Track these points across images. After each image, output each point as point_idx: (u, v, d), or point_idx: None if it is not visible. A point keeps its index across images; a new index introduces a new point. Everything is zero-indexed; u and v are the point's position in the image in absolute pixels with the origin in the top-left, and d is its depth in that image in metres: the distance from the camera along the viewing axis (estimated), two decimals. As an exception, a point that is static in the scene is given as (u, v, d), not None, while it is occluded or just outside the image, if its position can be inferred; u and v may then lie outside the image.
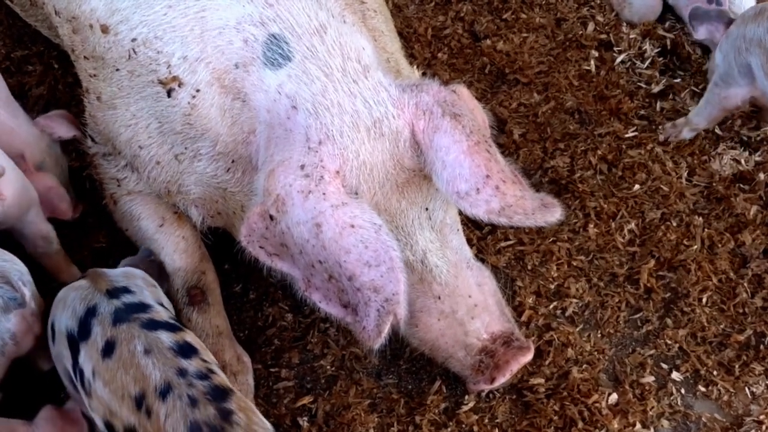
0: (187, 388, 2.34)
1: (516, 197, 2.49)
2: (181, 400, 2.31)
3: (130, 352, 2.42)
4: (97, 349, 2.45)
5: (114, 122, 2.93)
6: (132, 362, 2.41)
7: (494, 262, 3.34)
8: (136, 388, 2.37)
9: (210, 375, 2.42)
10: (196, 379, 2.37)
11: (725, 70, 3.44)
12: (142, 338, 2.44)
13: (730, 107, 3.54)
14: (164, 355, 2.41)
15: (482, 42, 4.10)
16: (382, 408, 3.04)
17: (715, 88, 3.52)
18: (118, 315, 2.50)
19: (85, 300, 2.56)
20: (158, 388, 2.34)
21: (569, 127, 3.76)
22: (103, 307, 2.53)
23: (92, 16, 2.87)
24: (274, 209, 2.49)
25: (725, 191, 3.55)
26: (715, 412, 3.05)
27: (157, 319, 2.54)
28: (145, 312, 2.55)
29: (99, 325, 2.49)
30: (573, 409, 2.99)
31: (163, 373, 2.37)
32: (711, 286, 3.30)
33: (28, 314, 2.70)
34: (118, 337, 2.45)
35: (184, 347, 2.47)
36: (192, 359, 2.44)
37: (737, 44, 3.36)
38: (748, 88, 3.43)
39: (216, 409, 2.30)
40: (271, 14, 2.64)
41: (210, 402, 2.32)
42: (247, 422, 2.32)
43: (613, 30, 4.16)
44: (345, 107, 2.55)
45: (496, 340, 2.82)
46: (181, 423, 2.28)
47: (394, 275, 2.39)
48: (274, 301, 3.27)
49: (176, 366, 2.39)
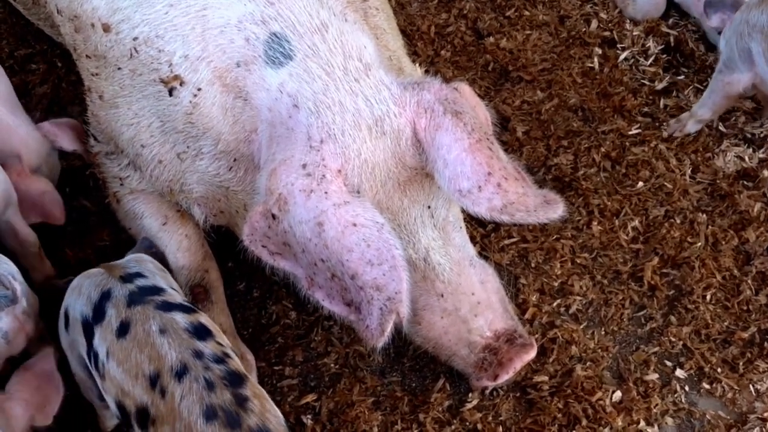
0: (203, 371, 2.33)
1: (518, 194, 2.49)
2: (198, 383, 2.31)
3: (145, 331, 2.42)
4: (111, 330, 2.45)
5: (116, 121, 2.93)
6: (147, 341, 2.41)
7: (498, 260, 3.33)
8: (150, 367, 2.37)
9: (226, 359, 2.41)
10: (212, 362, 2.37)
11: (728, 56, 3.46)
12: (157, 318, 2.44)
13: (734, 94, 3.54)
14: (180, 336, 2.41)
15: (485, 39, 4.10)
16: (386, 406, 3.04)
17: (719, 75, 3.54)
18: (133, 297, 2.51)
19: (100, 286, 2.56)
20: (174, 369, 2.34)
21: (573, 125, 3.76)
22: (117, 291, 2.53)
23: (94, 14, 2.87)
24: (276, 208, 2.49)
25: (729, 188, 3.54)
26: (720, 410, 3.05)
27: (171, 301, 2.55)
28: (159, 294, 2.55)
29: (113, 308, 2.49)
30: (577, 406, 2.98)
31: (180, 354, 2.37)
32: (715, 283, 3.29)
33: (20, 312, 2.68)
34: (132, 318, 2.45)
35: (199, 329, 2.47)
36: (207, 341, 2.44)
37: (740, 29, 3.38)
38: (750, 74, 3.43)
39: (232, 395, 2.30)
40: (272, 13, 2.64)
41: (227, 387, 2.31)
42: (261, 409, 2.32)
43: (617, 27, 4.15)
44: (346, 106, 2.55)
45: (499, 338, 2.82)
46: (197, 405, 2.28)
47: (396, 273, 2.39)
48: (278, 299, 3.27)
49: (192, 347, 2.39)
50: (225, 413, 2.26)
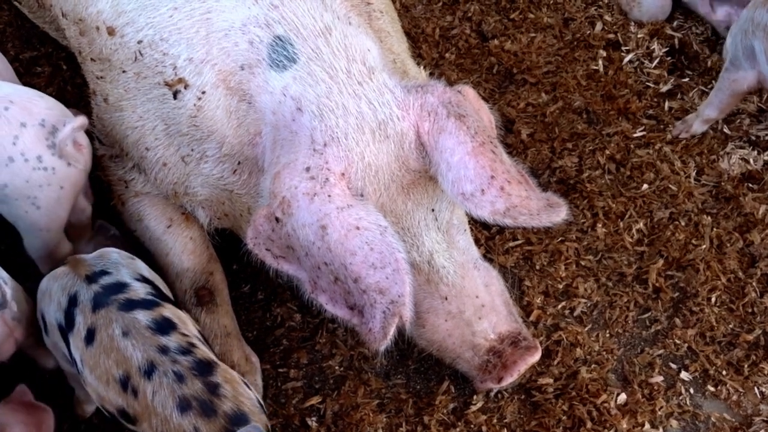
0: (171, 364, 2.39)
1: (521, 198, 2.49)
2: (167, 377, 2.37)
3: (109, 336, 2.46)
4: (81, 338, 2.50)
5: (121, 124, 2.94)
6: (112, 346, 2.45)
7: (502, 262, 3.34)
8: (119, 371, 2.42)
9: (192, 349, 2.47)
10: (179, 354, 2.42)
11: (734, 53, 3.47)
12: (120, 321, 2.48)
13: (739, 91, 3.53)
14: (142, 335, 2.46)
15: (490, 42, 4.09)
16: (391, 408, 3.04)
17: (725, 73, 3.54)
18: (97, 300, 2.54)
19: (66, 289, 2.58)
20: (142, 368, 2.40)
21: (577, 127, 3.76)
22: (83, 295, 2.56)
23: (99, 18, 2.88)
24: (280, 211, 2.49)
25: (734, 190, 3.54)
26: (724, 412, 3.05)
27: (133, 299, 2.57)
28: (123, 292, 2.58)
29: (81, 314, 2.52)
30: (582, 409, 2.98)
31: (144, 353, 2.42)
32: (720, 285, 3.29)
33: (9, 318, 2.65)
34: (97, 324, 2.49)
35: (161, 324, 2.51)
36: (171, 335, 2.49)
37: (745, 27, 3.39)
38: (754, 72, 3.44)
39: (203, 384, 2.37)
40: (276, 16, 2.65)
41: (196, 377, 2.38)
42: (234, 393, 2.39)
43: (621, 29, 4.15)
44: (350, 109, 2.55)
45: (503, 340, 2.82)
46: (169, 399, 2.34)
47: (399, 277, 2.39)
48: (283, 301, 3.27)
49: (156, 344, 2.44)
50: (199, 402, 2.33)
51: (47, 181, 2.78)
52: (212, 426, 2.31)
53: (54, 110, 2.84)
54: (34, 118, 2.76)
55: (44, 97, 2.89)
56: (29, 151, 2.74)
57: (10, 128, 2.73)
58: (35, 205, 2.81)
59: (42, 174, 2.76)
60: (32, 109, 2.79)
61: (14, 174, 2.74)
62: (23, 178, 2.75)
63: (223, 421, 2.31)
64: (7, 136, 2.72)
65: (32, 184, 2.77)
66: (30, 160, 2.74)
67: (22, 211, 2.82)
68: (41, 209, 2.82)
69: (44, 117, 2.78)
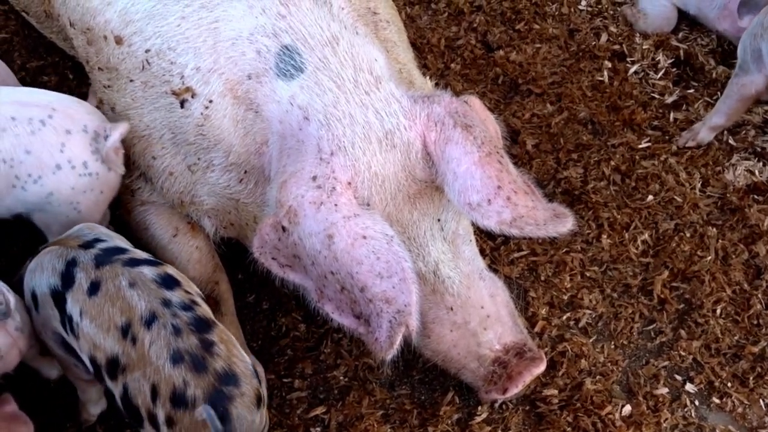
0: (171, 318, 2.43)
1: (527, 208, 2.49)
2: (166, 329, 2.40)
3: (115, 287, 2.49)
4: (83, 291, 2.51)
5: (127, 133, 2.94)
6: (118, 295, 2.48)
7: (507, 273, 3.33)
8: (122, 319, 2.45)
9: (193, 306, 2.50)
10: (180, 309, 2.45)
11: (743, 57, 3.50)
12: (126, 274, 2.51)
13: (747, 96, 3.54)
14: (148, 287, 2.49)
15: (495, 53, 4.10)
16: (395, 419, 3.03)
17: (734, 78, 3.57)
18: (99, 259, 2.56)
19: (62, 256, 2.60)
20: (144, 318, 2.43)
21: (582, 138, 3.76)
22: (82, 257, 2.58)
23: (106, 27, 2.89)
24: (287, 220, 2.49)
25: (739, 202, 3.54)
26: (730, 424, 3.04)
27: (137, 257, 2.61)
28: (124, 253, 2.61)
29: (82, 271, 2.54)
30: (586, 420, 2.98)
31: (149, 303, 2.45)
32: (725, 297, 3.29)
33: (12, 329, 2.63)
34: (102, 277, 2.52)
35: (167, 279, 2.54)
36: (175, 290, 2.52)
37: (754, 31, 3.42)
38: (761, 76, 3.44)
39: (198, 339, 2.40)
40: (283, 26, 2.65)
41: (193, 332, 2.41)
42: (228, 354, 2.41)
43: (627, 41, 4.16)
44: (357, 118, 2.56)
45: (508, 351, 2.81)
46: (164, 350, 2.38)
47: (406, 286, 2.39)
48: (288, 311, 3.27)
49: (161, 297, 2.47)
50: (191, 356, 2.36)
51: (90, 187, 2.83)
52: (201, 381, 2.34)
53: (93, 115, 2.88)
54: (77, 125, 2.81)
55: (82, 103, 2.94)
56: (76, 158, 2.79)
57: (57, 136, 2.77)
58: (76, 210, 2.85)
59: (87, 180, 2.81)
60: (74, 116, 2.83)
61: (60, 181, 2.78)
62: (69, 185, 2.80)
63: (212, 378, 2.34)
64: (55, 144, 2.76)
65: (77, 191, 2.82)
66: (77, 166, 2.79)
67: (63, 217, 2.85)
68: (81, 213, 2.86)
69: (86, 123, 2.82)
